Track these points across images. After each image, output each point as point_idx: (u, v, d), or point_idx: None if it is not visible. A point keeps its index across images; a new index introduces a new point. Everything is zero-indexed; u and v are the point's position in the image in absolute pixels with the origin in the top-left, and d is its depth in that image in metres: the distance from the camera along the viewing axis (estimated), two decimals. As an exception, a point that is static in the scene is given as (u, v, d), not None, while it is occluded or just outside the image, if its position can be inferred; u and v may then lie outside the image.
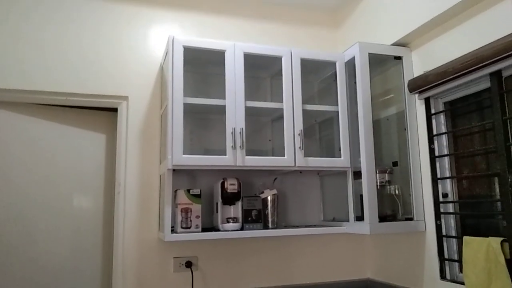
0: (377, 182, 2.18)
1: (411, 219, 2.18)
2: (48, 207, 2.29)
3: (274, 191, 2.29)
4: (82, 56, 2.32)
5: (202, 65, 2.46)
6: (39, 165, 2.30)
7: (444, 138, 2.14)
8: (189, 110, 2.22)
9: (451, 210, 2.08)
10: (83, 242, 2.37)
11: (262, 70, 2.59)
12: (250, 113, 2.33)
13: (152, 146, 2.35)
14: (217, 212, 2.19)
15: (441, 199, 2.10)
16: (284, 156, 2.19)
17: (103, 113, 2.51)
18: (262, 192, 2.30)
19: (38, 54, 2.25)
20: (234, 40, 2.50)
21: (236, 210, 2.19)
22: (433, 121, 2.17)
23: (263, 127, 2.58)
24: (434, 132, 2.15)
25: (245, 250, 2.43)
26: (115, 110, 2.41)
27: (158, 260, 2.27)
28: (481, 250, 1.74)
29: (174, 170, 2.07)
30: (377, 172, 2.20)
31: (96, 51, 2.35)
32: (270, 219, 2.27)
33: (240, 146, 2.09)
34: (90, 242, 2.38)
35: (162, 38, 2.48)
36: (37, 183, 2.28)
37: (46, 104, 2.35)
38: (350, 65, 2.35)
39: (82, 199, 2.40)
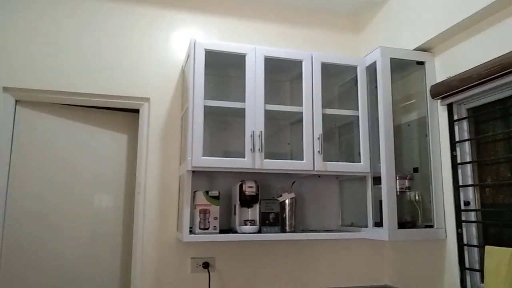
0: (397, 188, 2.16)
1: (431, 226, 2.14)
2: (68, 205, 2.35)
3: (292, 195, 2.29)
4: (105, 58, 2.37)
5: (223, 68, 2.48)
6: (60, 164, 2.36)
7: (467, 145, 2.10)
8: (209, 112, 2.24)
9: (473, 219, 2.03)
10: (103, 241, 2.41)
11: (281, 74, 2.60)
12: (269, 116, 2.34)
13: (172, 147, 2.38)
14: (235, 214, 2.20)
15: (462, 207, 2.06)
16: (302, 160, 2.18)
17: (125, 114, 2.56)
18: (280, 196, 2.30)
19: (62, 56, 2.31)
20: (255, 43, 2.52)
21: (254, 212, 2.20)
22: (456, 128, 2.13)
23: (281, 130, 2.58)
24: (457, 139, 2.12)
25: (262, 253, 2.43)
26: (137, 111, 2.45)
27: (175, 261, 2.30)
28: (503, 260, 1.70)
29: (193, 171, 2.10)
30: (397, 178, 2.18)
31: (119, 53, 2.39)
32: (287, 223, 2.27)
33: (259, 149, 2.10)
34: (110, 241, 2.42)
35: (183, 41, 2.51)
36: (58, 182, 2.34)
37: (69, 104, 2.41)
38: (371, 70, 2.34)
39: (102, 198, 2.44)
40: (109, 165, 2.47)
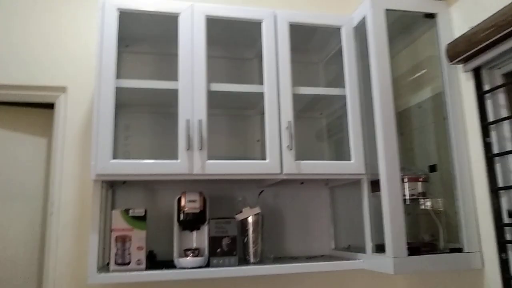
0: (405, 195, 1.49)
1: (460, 250, 1.45)
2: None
3: (257, 210, 1.63)
4: (9, 39, 1.79)
5: (154, 42, 1.86)
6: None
7: (505, 127, 1.41)
8: (131, 100, 1.64)
9: (524, 238, 1.34)
10: (13, 272, 1.80)
11: (246, 49, 1.96)
12: (229, 104, 1.72)
13: (95, 152, 1.76)
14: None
15: (506, 219, 1.36)
16: (265, 159, 1.53)
17: (41, 112, 1.97)
18: (240, 212, 1.64)
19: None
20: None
21: (200, 238, 1.55)
22: (488, 103, 1.44)
23: (248, 124, 1.93)
24: (490, 119, 1.43)
25: (222, 292, 1.76)
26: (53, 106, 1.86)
27: (101, 307, 1.66)
28: None
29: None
30: (406, 180, 1.51)
31: (26, 32, 1.82)
32: (251, 250, 1.61)
33: (199, 147, 1.46)
34: (22, 272, 1.81)
35: (114, 13, 1.91)
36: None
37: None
38: (362, 31, 1.68)
39: (15, 219, 1.84)
40: (24, 177, 1.88)
